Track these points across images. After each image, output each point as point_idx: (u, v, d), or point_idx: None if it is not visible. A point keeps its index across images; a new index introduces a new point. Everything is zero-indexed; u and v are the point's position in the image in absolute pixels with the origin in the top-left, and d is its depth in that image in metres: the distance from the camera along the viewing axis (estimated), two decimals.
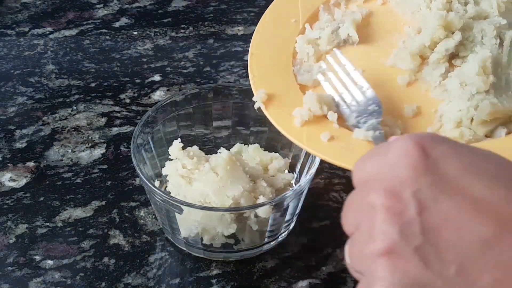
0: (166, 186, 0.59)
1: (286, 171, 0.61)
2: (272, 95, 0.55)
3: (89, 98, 0.74)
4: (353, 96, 0.54)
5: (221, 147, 0.59)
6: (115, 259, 0.57)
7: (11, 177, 0.64)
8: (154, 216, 0.60)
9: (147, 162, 0.59)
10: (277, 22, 0.62)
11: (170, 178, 0.58)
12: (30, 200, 0.62)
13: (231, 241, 0.56)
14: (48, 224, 0.60)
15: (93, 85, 0.76)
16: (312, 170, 0.56)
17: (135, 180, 0.64)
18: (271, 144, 0.63)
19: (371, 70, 0.57)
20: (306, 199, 0.58)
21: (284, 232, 0.58)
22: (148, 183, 0.53)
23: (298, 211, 0.58)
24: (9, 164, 0.66)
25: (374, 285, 0.31)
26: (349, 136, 0.51)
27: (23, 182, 0.64)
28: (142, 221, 0.60)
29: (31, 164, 0.66)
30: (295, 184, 0.60)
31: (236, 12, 0.88)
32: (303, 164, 0.60)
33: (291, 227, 0.59)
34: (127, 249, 0.58)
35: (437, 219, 0.31)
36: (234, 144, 0.63)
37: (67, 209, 0.61)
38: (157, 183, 0.60)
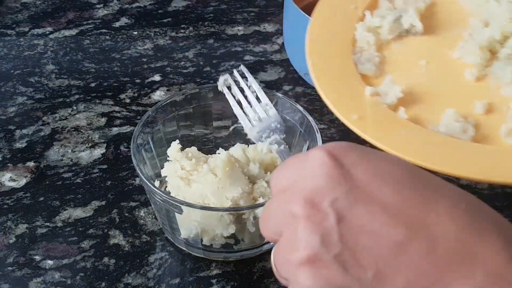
0: (166, 186, 0.59)
1: None
2: (332, 84, 0.52)
3: (89, 98, 0.74)
4: (255, 112, 0.58)
5: (220, 148, 0.59)
6: (115, 259, 0.57)
7: (11, 177, 0.64)
8: (154, 216, 0.60)
9: (147, 162, 0.59)
10: (335, 8, 0.59)
11: (169, 179, 0.58)
12: (30, 200, 0.62)
13: (231, 241, 0.56)
14: (48, 224, 0.60)
15: (93, 85, 0.76)
16: None
17: (135, 180, 0.64)
18: None
19: (436, 62, 0.55)
20: None
21: None
22: (148, 183, 0.53)
23: None
24: (9, 164, 0.66)
25: None
26: (424, 132, 0.49)
27: (23, 182, 0.64)
28: (142, 221, 0.60)
29: (31, 164, 0.66)
30: None
31: (236, 12, 0.89)
32: None
33: None
34: (127, 249, 0.58)
35: (354, 226, 0.32)
36: (234, 144, 0.63)
37: (67, 209, 0.61)
38: (157, 183, 0.60)
